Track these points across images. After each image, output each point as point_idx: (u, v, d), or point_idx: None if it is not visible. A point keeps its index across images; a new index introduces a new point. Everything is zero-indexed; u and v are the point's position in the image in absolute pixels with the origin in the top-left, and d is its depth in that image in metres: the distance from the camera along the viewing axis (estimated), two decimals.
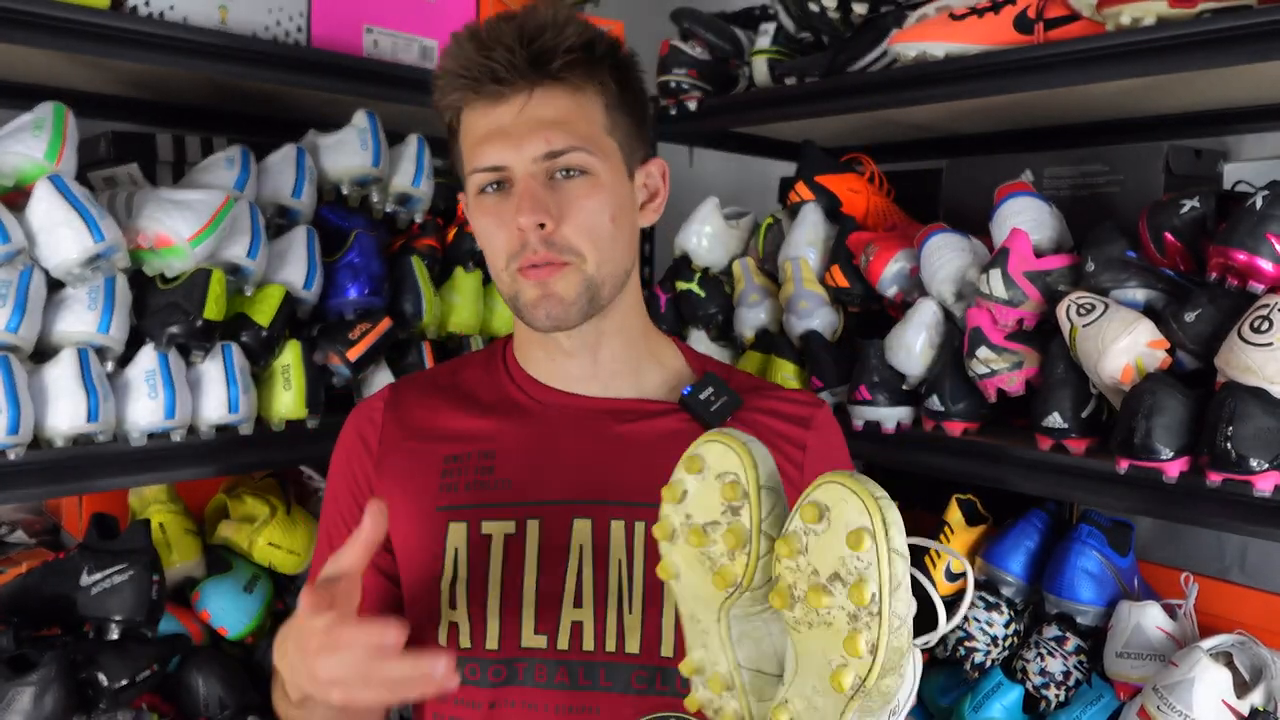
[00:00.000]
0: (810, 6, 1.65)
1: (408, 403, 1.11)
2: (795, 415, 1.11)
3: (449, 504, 1.04)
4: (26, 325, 1.19)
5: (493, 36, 0.98)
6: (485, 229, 1.03)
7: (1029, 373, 1.35)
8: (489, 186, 1.01)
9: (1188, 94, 1.41)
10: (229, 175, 1.41)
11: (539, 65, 0.98)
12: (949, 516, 1.48)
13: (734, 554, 0.76)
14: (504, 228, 1.00)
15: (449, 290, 1.64)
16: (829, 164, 1.72)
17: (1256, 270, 1.14)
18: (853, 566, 0.69)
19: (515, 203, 0.99)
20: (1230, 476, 1.10)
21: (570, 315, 1.02)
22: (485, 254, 1.06)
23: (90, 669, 1.23)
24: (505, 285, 1.04)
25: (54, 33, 1.21)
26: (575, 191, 1.00)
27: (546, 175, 0.99)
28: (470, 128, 1.02)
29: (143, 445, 1.28)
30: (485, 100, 0.99)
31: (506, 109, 0.99)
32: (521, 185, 0.99)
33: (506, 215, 1.00)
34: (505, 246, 1.01)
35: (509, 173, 1.00)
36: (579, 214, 0.99)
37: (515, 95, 0.99)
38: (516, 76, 0.98)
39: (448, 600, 1.02)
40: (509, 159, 0.99)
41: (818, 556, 0.71)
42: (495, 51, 0.97)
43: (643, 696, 0.99)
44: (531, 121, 0.98)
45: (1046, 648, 1.35)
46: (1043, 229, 1.38)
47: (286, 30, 1.44)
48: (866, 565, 0.68)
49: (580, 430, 1.06)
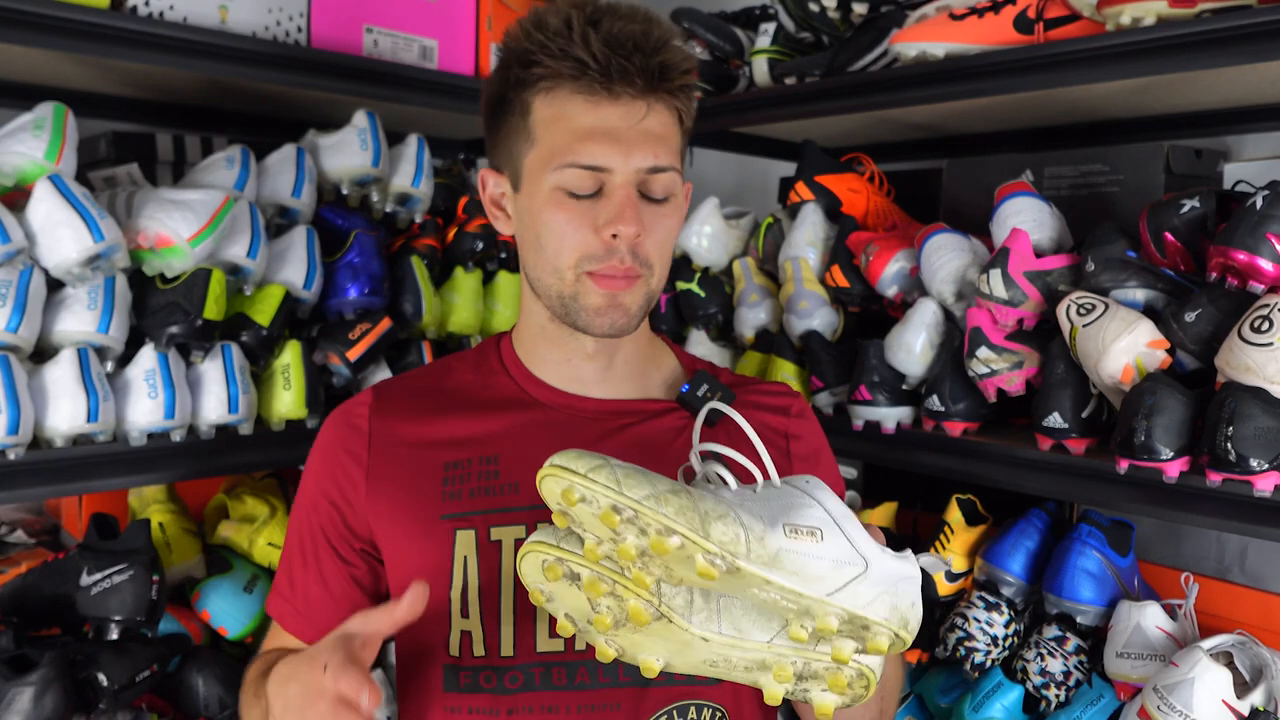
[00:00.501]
0: (810, 6, 1.65)
1: (396, 409, 1.08)
2: (777, 405, 1.13)
3: (454, 512, 1.02)
4: (26, 325, 1.19)
5: (624, 34, 0.96)
6: (559, 224, 0.99)
7: (1029, 373, 1.35)
8: (581, 193, 0.98)
9: (1188, 94, 1.41)
10: (229, 175, 1.41)
11: (663, 79, 0.98)
12: (949, 516, 1.48)
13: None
14: (583, 229, 0.98)
15: (449, 290, 1.64)
16: (829, 164, 1.72)
17: (1257, 270, 1.14)
18: (598, 524, 0.73)
19: (615, 209, 0.97)
20: (1230, 476, 1.10)
21: (630, 326, 1.02)
22: (544, 248, 1.00)
23: (90, 669, 1.22)
24: (565, 284, 1.00)
25: (54, 33, 1.21)
26: (662, 212, 1.00)
27: (640, 191, 0.99)
28: (565, 116, 0.98)
29: (142, 445, 1.28)
30: (603, 96, 0.97)
31: (623, 112, 0.97)
32: (624, 193, 0.97)
33: (597, 217, 0.97)
34: (581, 247, 0.98)
35: (607, 176, 0.98)
36: (660, 231, 1.00)
37: (636, 101, 0.97)
38: (644, 83, 0.96)
39: (459, 609, 1.01)
40: (615, 163, 0.97)
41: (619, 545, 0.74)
42: (632, 55, 0.95)
43: (664, 688, 0.99)
44: (644, 133, 0.97)
45: (1046, 648, 1.35)
46: (1043, 229, 1.38)
47: (286, 30, 1.44)
48: (595, 502, 0.72)
49: (589, 431, 1.06)
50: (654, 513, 0.70)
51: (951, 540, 1.47)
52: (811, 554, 0.73)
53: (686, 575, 0.74)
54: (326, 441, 1.10)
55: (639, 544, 0.72)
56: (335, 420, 1.10)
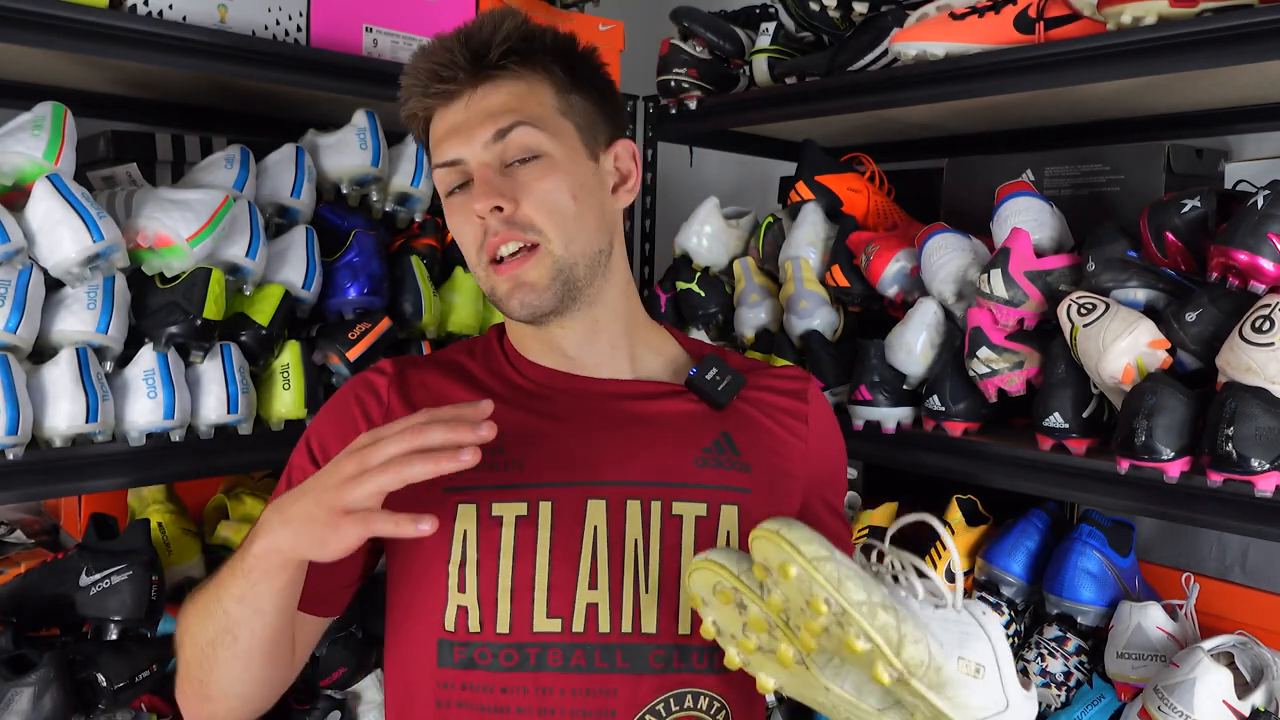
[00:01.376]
0: (811, 5, 1.65)
1: (413, 383, 1.10)
2: (791, 390, 1.15)
3: (457, 485, 1.01)
4: (25, 325, 1.19)
5: (437, 44, 1.04)
6: (456, 227, 1.05)
7: (1029, 373, 1.35)
8: (455, 188, 1.04)
9: (1188, 93, 1.41)
10: (228, 175, 1.41)
11: (478, 60, 1.01)
12: (949, 516, 1.48)
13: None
14: (469, 221, 1.02)
15: (449, 290, 1.64)
16: (829, 163, 1.72)
17: (1258, 270, 1.14)
18: (801, 597, 0.77)
19: (473, 191, 1.01)
20: (1231, 476, 1.10)
21: (545, 301, 1.03)
22: (464, 254, 1.07)
23: (89, 669, 1.22)
24: (483, 282, 1.06)
25: (54, 32, 1.21)
26: (530, 174, 1.02)
27: (501, 163, 1.02)
28: (432, 133, 1.06)
29: (142, 445, 1.28)
30: (439, 103, 1.04)
31: (457, 106, 1.03)
32: (477, 175, 1.01)
33: (470, 208, 1.02)
34: (474, 239, 1.03)
35: (466, 166, 1.02)
36: (536, 193, 1.01)
37: (462, 92, 1.02)
38: (459, 73, 1.02)
39: (456, 583, 1.00)
40: (462, 151, 1.02)
41: (787, 601, 0.78)
42: (437, 55, 1.02)
43: (661, 675, 0.99)
44: (480, 113, 1.02)
45: (1047, 648, 1.35)
46: (1043, 229, 1.38)
47: (286, 30, 1.44)
48: (807, 585, 0.76)
49: (590, 412, 1.07)
50: (861, 621, 0.74)
51: (952, 540, 1.46)
52: (971, 689, 0.79)
53: (851, 660, 0.79)
54: (343, 401, 1.11)
55: (828, 628, 0.76)
56: (353, 385, 1.12)
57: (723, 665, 0.88)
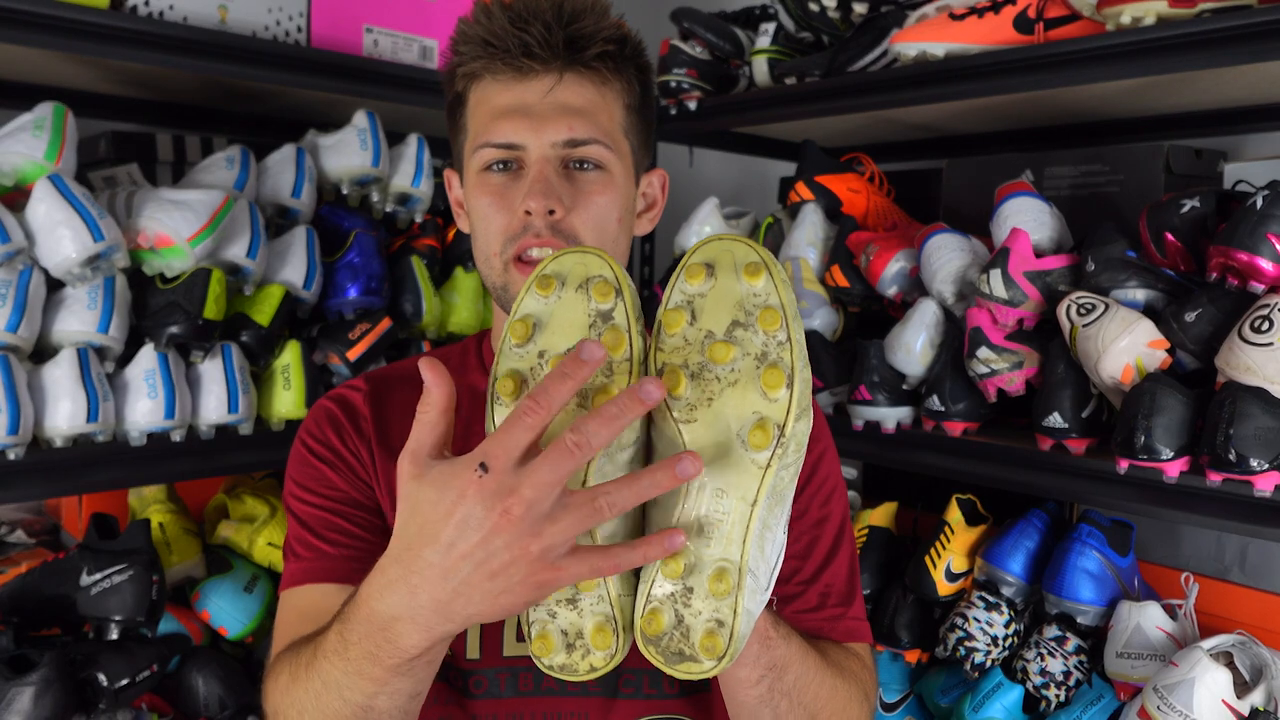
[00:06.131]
0: (810, 6, 1.65)
1: (389, 403, 1.03)
2: None
3: None
4: (26, 325, 1.19)
5: (530, 10, 0.93)
6: (483, 208, 0.97)
7: (1029, 373, 1.35)
8: (496, 165, 0.96)
9: (1188, 94, 1.41)
10: (229, 175, 1.41)
11: (575, 49, 0.93)
12: (949, 516, 1.48)
13: (611, 368, 0.68)
14: (505, 210, 0.95)
15: (449, 290, 1.64)
16: (829, 164, 1.72)
17: (1257, 270, 1.14)
18: (752, 304, 0.68)
19: (526, 185, 0.93)
20: (1230, 476, 1.10)
21: None
22: (476, 235, 0.99)
23: (90, 669, 1.22)
24: (495, 274, 0.97)
25: (54, 33, 1.21)
26: (589, 185, 0.95)
27: (561, 164, 0.95)
28: (486, 99, 0.96)
29: (142, 445, 1.28)
30: (510, 74, 0.94)
31: (532, 87, 0.94)
32: (536, 169, 0.94)
33: (513, 197, 0.94)
34: (504, 229, 0.95)
35: (523, 154, 0.95)
36: (590, 207, 0.95)
37: (545, 75, 0.94)
38: (550, 55, 0.93)
39: None
40: (527, 139, 0.94)
41: (710, 316, 0.69)
42: (532, 26, 0.92)
43: (632, 701, 0.97)
44: (557, 105, 0.94)
45: (1047, 648, 1.35)
46: (1043, 229, 1.38)
47: (286, 30, 1.44)
48: (768, 293, 0.68)
49: None
50: (800, 349, 0.67)
51: (951, 540, 1.47)
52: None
53: (732, 404, 0.67)
54: (316, 422, 1.03)
55: (734, 362, 0.67)
56: (326, 404, 1.04)
57: (694, 689, 0.83)
